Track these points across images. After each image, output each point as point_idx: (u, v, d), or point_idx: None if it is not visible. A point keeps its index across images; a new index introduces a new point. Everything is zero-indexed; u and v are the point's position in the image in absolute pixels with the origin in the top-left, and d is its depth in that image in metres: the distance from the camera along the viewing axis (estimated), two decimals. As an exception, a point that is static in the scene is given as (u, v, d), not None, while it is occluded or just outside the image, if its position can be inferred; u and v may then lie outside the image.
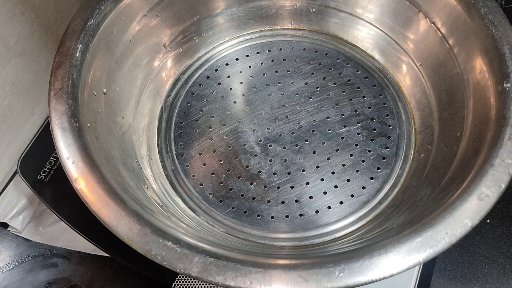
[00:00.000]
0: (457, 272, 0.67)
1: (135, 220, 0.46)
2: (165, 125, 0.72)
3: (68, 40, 0.57)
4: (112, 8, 0.61)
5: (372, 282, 0.42)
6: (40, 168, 0.73)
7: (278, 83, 0.75)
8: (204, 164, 0.69)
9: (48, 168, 0.73)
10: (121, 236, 0.46)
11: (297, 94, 0.74)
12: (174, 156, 0.70)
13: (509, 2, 0.71)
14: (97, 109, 0.58)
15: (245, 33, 0.80)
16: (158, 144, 0.71)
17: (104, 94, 0.61)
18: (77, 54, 0.56)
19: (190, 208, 0.66)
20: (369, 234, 0.58)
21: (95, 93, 0.59)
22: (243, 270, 0.43)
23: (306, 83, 0.75)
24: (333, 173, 0.67)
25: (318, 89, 0.74)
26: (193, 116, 0.73)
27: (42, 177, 0.73)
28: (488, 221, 0.69)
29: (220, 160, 0.69)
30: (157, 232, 0.45)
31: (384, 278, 0.42)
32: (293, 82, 0.75)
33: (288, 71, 0.76)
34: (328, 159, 0.68)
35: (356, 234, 0.62)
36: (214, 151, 0.70)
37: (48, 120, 0.53)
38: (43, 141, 0.76)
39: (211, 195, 0.66)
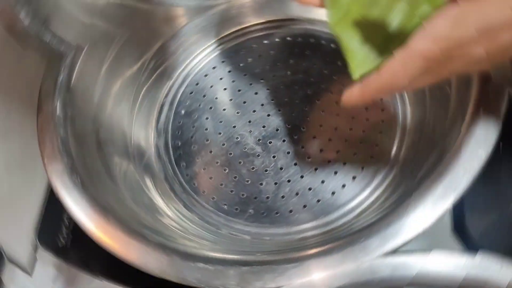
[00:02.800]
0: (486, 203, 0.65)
1: (161, 252, 0.46)
2: (163, 151, 0.72)
3: (45, 103, 0.57)
4: (76, 58, 0.61)
5: (408, 242, 0.43)
6: (58, 235, 0.72)
7: (261, 79, 0.75)
8: (211, 178, 0.69)
9: (66, 233, 0.72)
10: (153, 272, 0.46)
11: (281, 85, 0.74)
12: (180, 178, 0.70)
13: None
14: (93, 157, 0.59)
15: (214, 40, 0.80)
16: (161, 171, 0.71)
17: (96, 140, 0.61)
18: (57, 113, 0.56)
19: (209, 223, 0.65)
20: (391, 200, 0.59)
21: (86, 142, 0.59)
22: (279, 269, 0.43)
23: (288, 73, 0.75)
24: (338, 151, 0.67)
25: (300, 76, 0.74)
26: (187, 134, 0.73)
27: (63, 243, 0.72)
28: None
29: (225, 169, 0.69)
30: (187, 257, 0.46)
31: (418, 235, 0.43)
32: (275, 75, 0.75)
33: (267, 65, 0.76)
34: (329, 140, 0.68)
35: (377, 204, 0.62)
36: (217, 162, 0.69)
37: (50, 185, 0.53)
38: (52, 209, 0.74)
39: (225, 206, 0.66)
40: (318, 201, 0.64)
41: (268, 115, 0.72)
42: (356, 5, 0.55)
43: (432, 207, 0.43)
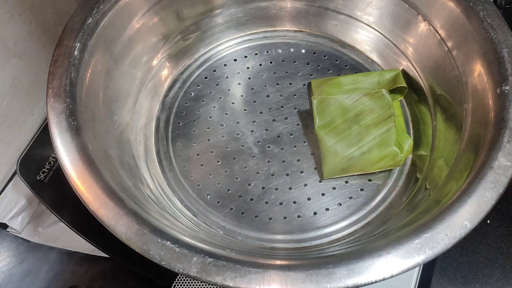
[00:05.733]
0: (457, 273, 0.67)
1: (133, 220, 0.46)
2: (163, 125, 0.72)
3: (66, 38, 0.57)
4: (111, 7, 0.61)
5: (372, 283, 0.42)
6: (39, 169, 0.73)
7: (277, 84, 0.75)
8: (202, 165, 0.69)
9: (47, 169, 0.73)
10: (119, 236, 0.46)
11: (295, 95, 0.74)
12: (172, 156, 0.69)
13: (509, 3, 0.71)
14: (95, 108, 0.58)
15: (244, 34, 0.80)
16: (155, 144, 0.70)
17: (102, 92, 0.61)
18: (75, 53, 0.56)
19: (187, 208, 0.65)
20: (368, 236, 0.58)
21: (93, 91, 0.59)
22: (242, 271, 0.43)
23: (304, 85, 0.75)
24: (331, 175, 0.67)
25: (317, 91, 0.74)
26: (191, 117, 0.73)
27: (42, 177, 0.72)
28: (488, 221, 0.69)
29: (218, 161, 0.69)
30: (156, 232, 0.45)
31: (384, 279, 0.43)
32: (291, 84, 0.75)
33: (286, 72, 0.76)
34: (327, 160, 0.68)
35: (354, 236, 0.62)
36: (212, 152, 0.70)
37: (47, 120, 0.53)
38: (43, 142, 0.76)
39: (208, 196, 0.66)
40: (299, 216, 0.64)
41: (274, 120, 0.72)
42: (340, 118, 0.67)
43: (405, 257, 0.43)
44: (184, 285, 0.67)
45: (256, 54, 0.78)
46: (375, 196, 0.66)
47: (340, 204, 0.65)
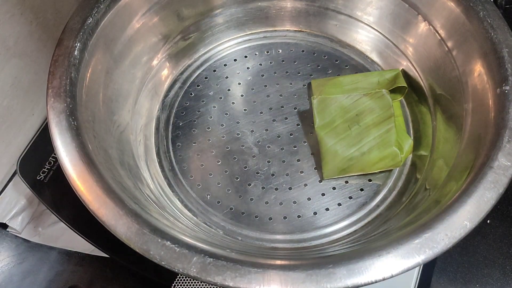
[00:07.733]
0: (457, 273, 0.67)
1: (133, 220, 0.46)
2: (163, 125, 0.72)
3: (67, 38, 0.57)
4: (111, 7, 0.61)
5: (372, 283, 0.42)
6: (39, 169, 0.73)
7: (277, 84, 0.75)
8: (202, 165, 0.69)
9: (47, 169, 0.73)
10: (119, 236, 0.46)
11: (295, 95, 0.74)
12: (172, 156, 0.69)
13: (509, 2, 0.71)
14: (95, 107, 0.58)
15: (244, 34, 0.80)
16: (155, 144, 0.70)
17: (102, 92, 0.61)
18: (76, 53, 0.56)
19: (187, 208, 0.65)
20: (368, 236, 0.58)
21: (93, 91, 0.59)
22: (242, 271, 0.43)
23: (304, 85, 0.75)
24: (331, 174, 0.67)
25: (317, 91, 0.74)
26: (191, 117, 0.73)
27: (42, 177, 0.72)
28: (488, 221, 0.69)
29: (218, 161, 0.69)
30: (156, 232, 0.45)
31: (384, 279, 0.43)
32: (291, 84, 0.75)
33: (286, 72, 0.76)
34: (326, 160, 0.68)
35: (354, 236, 0.62)
36: (212, 152, 0.69)
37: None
38: (43, 142, 0.76)
39: (208, 196, 0.66)
40: (299, 216, 0.64)
41: (274, 120, 0.72)
42: (340, 118, 0.67)
43: (405, 257, 0.43)
44: (184, 285, 0.67)
45: (256, 54, 0.78)
46: (375, 196, 0.66)
47: (340, 204, 0.65)
